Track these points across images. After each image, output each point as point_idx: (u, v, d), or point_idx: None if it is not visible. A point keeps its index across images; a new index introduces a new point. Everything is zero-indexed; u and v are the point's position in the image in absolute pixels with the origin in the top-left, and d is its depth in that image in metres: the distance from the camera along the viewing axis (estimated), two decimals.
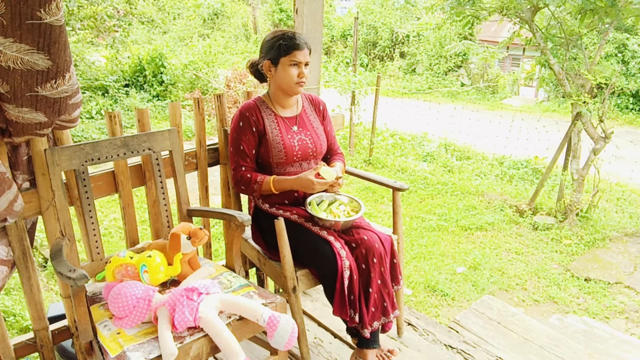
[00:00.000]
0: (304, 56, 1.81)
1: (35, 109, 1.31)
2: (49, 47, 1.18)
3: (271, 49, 1.83)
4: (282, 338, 1.42)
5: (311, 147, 1.93)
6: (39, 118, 1.34)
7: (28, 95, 1.27)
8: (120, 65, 10.13)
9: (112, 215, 4.52)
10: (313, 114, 2.02)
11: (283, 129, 1.89)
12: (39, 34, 1.15)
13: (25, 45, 1.16)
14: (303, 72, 1.83)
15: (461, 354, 2.10)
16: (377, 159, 6.50)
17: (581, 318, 2.94)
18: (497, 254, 4.01)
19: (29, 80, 1.23)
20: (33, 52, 1.18)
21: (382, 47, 14.96)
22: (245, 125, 1.86)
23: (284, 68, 1.82)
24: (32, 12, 1.11)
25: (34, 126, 1.37)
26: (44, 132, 1.43)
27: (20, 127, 1.37)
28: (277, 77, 1.86)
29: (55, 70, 1.23)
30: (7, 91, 1.25)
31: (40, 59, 1.19)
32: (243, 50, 16.18)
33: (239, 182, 1.88)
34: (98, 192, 1.74)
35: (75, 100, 1.39)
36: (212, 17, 17.88)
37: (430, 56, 13.67)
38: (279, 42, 1.81)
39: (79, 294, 1.38)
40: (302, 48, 1.80)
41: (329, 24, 16.23)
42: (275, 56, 1.82)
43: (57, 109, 1.34)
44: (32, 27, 1.13)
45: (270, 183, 1.83)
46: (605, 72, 4.46)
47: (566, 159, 4.75)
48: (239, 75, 8.08)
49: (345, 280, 1.69)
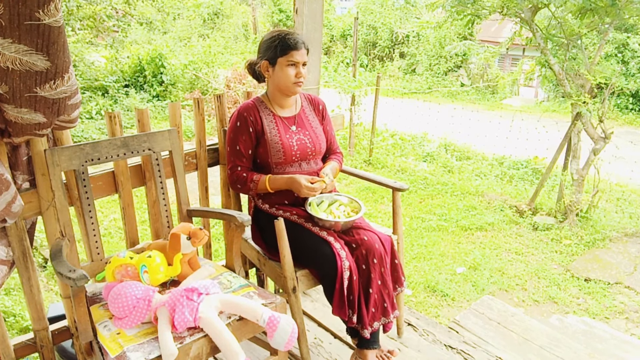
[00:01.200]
0: (301, 56, 1.81)
1: (35, 110, 1.31)
2: (47, 48, 1.18)
3: (269, 49, 1.83)
4: (282, 338, 1.42)
5: (310, 147, 1.92)
6: (38, 119, 1.34)
7: (27, 96, 1.27)
8: (120, 65, 10.14)
9: (112, 215, 4.52)
10: (312, 113, 2.02)
11: (282, 128, 1.89)
12: (38, 35, 1.15)
13: (24, 45, 1.16)
14: (301, 72, 1.83)
15: (461, 354, 2.10)
16: (377, 159, 6.50)
17: (581, 318, 2.94)
18: (497, 254, 4.01)
19: (28, 81, 1.23)
20: (32, 52, 1.18)
21: (382, 47, 14.96)
22: (242, 126, 1.86)
23: (281, 68, 1.82)
24: (30, 13, 1.11)
25: (32, 127, 1.37)
26: (43, 132, 1.43)
27: (19, 128, 1.37)
28: (274, 78, 1.86)
29: (54, 71, 1.24)
30: (6, 92, 1.25)
31: (39, 59, 1.19)
32: (243, 50, 16.18)
33: (235, 182, 1.89)
34: (98, 193, 1.74)
35: (75, 100, 1.39)
36: (211, 17, 17.88)
37: (430, 56, 13.67)
38: (276, 43, 1.81)
39: (79, 294, 1.38)
40: (299, 48, 1.80)
41: (329, 24, 16.24)
42: (273, 56, 1.83)
43: (56, 109, 1.34)
44: (30, 28, 1.13)
45: (266, 182, 1.84)
46: (605, 72, 4.46)
47: (566, 159, 4.74)
48: (238, 75, 8.08)
49: (344, 281, 1.69)
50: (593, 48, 5.13)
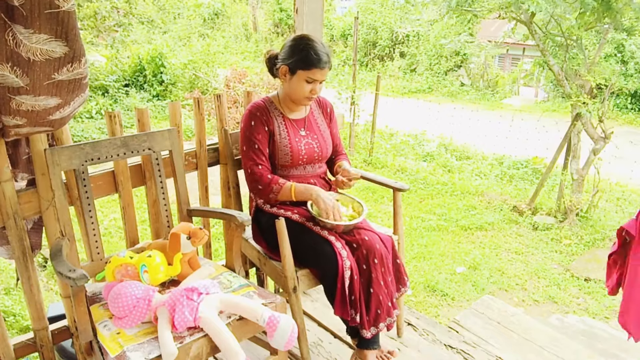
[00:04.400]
0: (322, 75, 1.77)
1: (52, 95, 1.31)
2: (66, 35, 1.18)
3: (293, 56, 1.78)
4: (282, 338, 1.42)
5: (317, 151, 1.92)
6: (54, 102, 1.33)
7: (46, 84, 1.26)
8: (120, 65, 10.13)
9: (112, 215, 4.52)
10: (320, 116, 2.00)
11: (291, 132, 1.87)
12: (57, 22, 1.15)
13: (44, 35, 1.16)
14: (316, 89, 1.80)
15: (461, 354, 2.10)
16: (377, 159, 6.50)
17: (581, 318, 2.94)
18: (497, 254, 4.01)
19: (47, 69, 1.23)
20: (51, 40, 1.17)
21: (382, 47, 14.95)
22: (257, 124, 1.83)
23: (299, 80, 1.78)
24: (50, 1, 1.11)
25: (47, 112, 1.35)
26: (57, 116, 1.40)
27: (34, 117, 1.35)
28: (290, 85, 1.82)
29: (72, 56, 1.23)
30: (27, 84, 1.24)
31: (58, 46, 1.19)
32: (243, 50, 16.18)
33: (258, 181, 1.82)
34: (98, 192, 1.74)
35: (86, 81, 1.38)
36: (212, 17, 17.87)
37: (430, 56, 13.67)
38: (302, 53, 1.76)
39: (79, 294, 1.38)
40: (323, 67, 1.75)
41: (329, 23, 16.22)
42: (295, 66, 1.78)
43: (72, 88, 1.33)
44: (50, 16, 1.13)
45: (292, 190, 1.80)
46: (605, 73, 4.46)
47: (566, 159, 4.75)
48: (238, 75, 8.08)
49: (346, 281, 1.69)
50: (592, 48, 5.13)
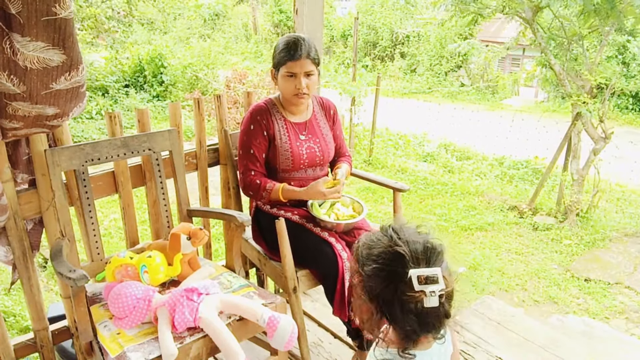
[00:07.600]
0: (300, 67, 1.73)
1: (49, 104, 1.30)
2: (64, 42, 1.18)
3: (274, 57, 1.80)
4: (282, 338, 1.42)
5: (319, 155, 1.90)
6: (51, 111, 1.33)
7: (43, 94, 1.26)
8: (120, 65, 10.14)
9: (112, 215, 4.52)
10: (323, 119, 1.98)
11: (292, 135, 1.86)
12: (54, 30, 1.14)
13: (41, 42, 1.15)
14: (301, 83, 1.74)
15: (461, 354, 2.10)
16: (377, 159, 6.49)
17: (581, 318, 2.93)
18: (497, 254, 4.00)
19: (45, 79, 1.22)
20: (49, 48, 1.17)
21: (383, 48, 14.95)
22: (256, 129, 1.83)
23: (282, 78, 1.78)
24: (47, 9, 1.11)
25: (44, 117, 1.35)
26: (56, 123, 1.40)
27: (30, 121, 1.35)
28: (279, 86, 1.83)
29: (70, 64, 1.23)
30: (24, 91, 1.24)
31: (56, 54, 1.19)
32: (243, 50, 16.18)
33: (248, 187, 1.84)
34: (98, 193, 1.74)
35: (84, 90, 1.38)
36: (212, 18, 17.88)
37: (430, 56, 13.66)
38: (277, 52, 1.76)
39: (79, 294, 1.38)
40: (296, 58, 1.72)
41: (329, 24, 16.22)
42: (276, 65, 1.79)
43: (69, 97, 1.33)
44: (47, 23, 1.13)
45: (280, 192, 1.80)
46: (606, 73, 4.46)
47: (566, 159, 4.74)
48: (238, 75, 8.08)
49: (346, 282, 1.69)
50: (594, 49, 5.13)
